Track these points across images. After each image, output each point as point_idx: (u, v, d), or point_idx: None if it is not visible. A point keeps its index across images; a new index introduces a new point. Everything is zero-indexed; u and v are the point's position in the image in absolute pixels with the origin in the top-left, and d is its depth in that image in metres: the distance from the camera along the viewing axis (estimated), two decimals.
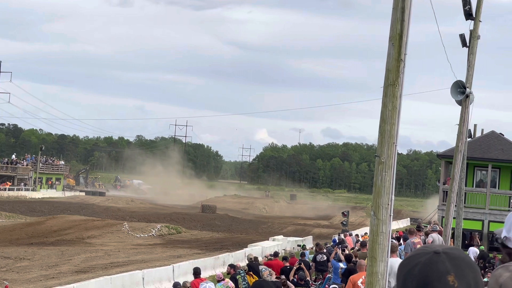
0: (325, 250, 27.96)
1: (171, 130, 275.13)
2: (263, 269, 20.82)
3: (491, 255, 34.68)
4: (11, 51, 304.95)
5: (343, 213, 62.52)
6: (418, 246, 21.38)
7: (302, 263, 21.65)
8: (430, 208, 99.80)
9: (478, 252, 34.95)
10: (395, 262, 14.29)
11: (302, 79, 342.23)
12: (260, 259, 30.37)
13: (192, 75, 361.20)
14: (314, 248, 36.29)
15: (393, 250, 14.88)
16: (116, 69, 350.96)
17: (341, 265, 21.60)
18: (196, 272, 21.65)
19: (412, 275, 2.27)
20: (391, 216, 10.58)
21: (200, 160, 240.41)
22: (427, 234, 24.83)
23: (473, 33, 25.34)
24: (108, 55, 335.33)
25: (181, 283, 22.71)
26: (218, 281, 20.11)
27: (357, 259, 20.60)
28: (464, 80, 24.44)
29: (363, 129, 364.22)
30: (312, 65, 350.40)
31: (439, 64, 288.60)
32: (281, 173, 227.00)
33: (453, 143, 28.65)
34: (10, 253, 39.95)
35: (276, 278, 20.48)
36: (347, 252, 23.93)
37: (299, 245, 43.08)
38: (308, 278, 21.51)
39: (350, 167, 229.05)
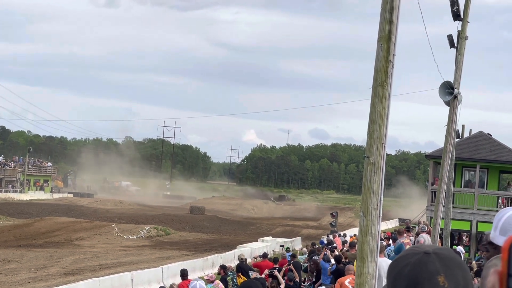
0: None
1: (159, 132, 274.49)
2: (251, 273, 20.80)
3: (477, 254, 34.80)
4: None
5: (332, 214, 62.64)
6: (407, 246, 21.45)
7: (291, 264, 21.68)
8: (415, 208, 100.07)
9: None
10: (383, 262, 14.32)
11: (290, 80, 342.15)
12: (249, 260, 30.36)
13: (179, 76, 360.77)
14: (308, 248, 36.27)
15: (381, 251, 14.89)
16: (103, 70, 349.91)
17: (332, 261, 21.63)
18: (184, 274, 21.60)
19: (402, 276, 2.24)
20: (380, 217, 10.60)
21: (189, 161, 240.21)
22: (417, 234, 24.89)
23: (461, 34, 25.41)
24: (95, 56, 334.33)
25: (169, 285, 22.66)
26: (210, 282, 20.09)
27: (347, 260, 20.63)
28: (452, 80, 24.51)
29: (350, 130, 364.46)
30: (299, 66, 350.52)
31: (426, 65, 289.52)
32: (269, 174, 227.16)
33: (440, 144, 28.76)
34: None
35: (269, 275, 20.48)
36: (336, 253, 23.95)
37: (281, 246, 43.01)
38: (297, 279, 21.51)
39: (339, 168, 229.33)
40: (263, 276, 21.37)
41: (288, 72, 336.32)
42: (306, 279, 25.80)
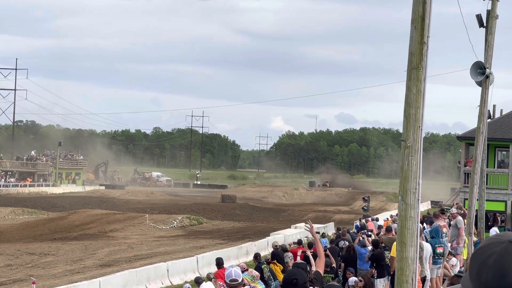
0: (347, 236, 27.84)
1: (187, 121, 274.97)
2: (290, 258, 20.74)
3: None
4: (24, 48, 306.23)
5: (364, 198, 62.41)
6: (444, 229, 21.32)
7: (328, 250, 21.64)
8: (444, 190, 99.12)
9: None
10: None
11: (314, 65, 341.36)
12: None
13: (204, 65, 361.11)
14: (335, 233, 36.20)
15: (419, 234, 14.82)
16: (127, 62, 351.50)
17: (369, 247, 21.55)
18: (219, 262, 21.64)
19: (487, 266, 2.17)
20: (419, 201, 10.52)
21: (218, 150, 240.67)
22: (454, 217, 24.71)
23: (491, 13, 25.12)
24: (119, 49, 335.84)
25: (205, 274, 22.70)
26: (242, 272, 20.03)
27: (383, 244, 20.54)
28: (482, 60, 24.25)
29: (377, 113, 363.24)
30: (323, 51, 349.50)
31: (452, 46, 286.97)
32: (298, 160, 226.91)
33: (469, 125, 28.54)
34: (34, 249, 40.21)
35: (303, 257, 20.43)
36: (373, 237, 23.88)
37: (317, 232, 42.97)
38: (334, 265, 21.46)
39: (368, 152, 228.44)
40: (298, 259, 21.37)
41: (312, 57, 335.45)
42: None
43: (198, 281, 19.88)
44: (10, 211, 64.25)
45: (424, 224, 28.52)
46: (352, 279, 17.86)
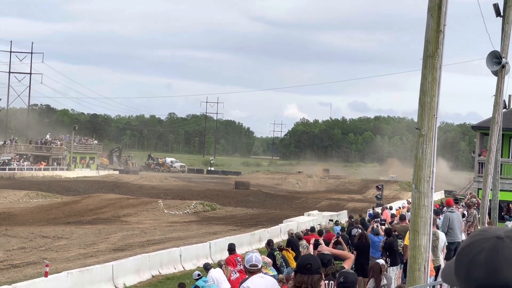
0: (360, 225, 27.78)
1: (202, 108, 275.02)
2: (305, 245, 20.75)
3: None
4: (40, 32, 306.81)
5: (377, 186, 62.38)
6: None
7: (340, 237, 21.64)
8: (457, 179, 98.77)
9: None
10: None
11: (328, 53, 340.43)
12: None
13: (219, 51, 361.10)
14: (347, 221, 36.18)
15: (433, 223, 14.79)
16: (142, 47, 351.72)
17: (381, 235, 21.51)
18: (231, 248, 21.63)
19: (478, 264, 2.11)
20: (433, 189, 10.51)
21: (232, 136, 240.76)
22: (468, 206, 24.66)
23: (508, 2, 24.94)
24: (135, 34, 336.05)
25: (217, 261, 22.74)
26: None
27: (396, 232, 20.51)
28: (499, 50, 24.10)
29: (390, 102, 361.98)
30: (338, 39, 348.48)
31: (469, 35, 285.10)
32: (312, 148, 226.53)
33: (483, 114, 28.41)
34: (48, 232, 40.42)
35: (315, 244, 20.42)
36: (386, 226, 23.81)
37: (331, 220, 42.99)
38: (347, 252, 21.43)
39: (382, 141, 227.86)
40: (310, 247, 21.36)
41: (326, 45, 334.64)
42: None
43: (207, 267, 19.90)
44: (24, 194, 64.63)
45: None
46: (380, 261, 17.89)
